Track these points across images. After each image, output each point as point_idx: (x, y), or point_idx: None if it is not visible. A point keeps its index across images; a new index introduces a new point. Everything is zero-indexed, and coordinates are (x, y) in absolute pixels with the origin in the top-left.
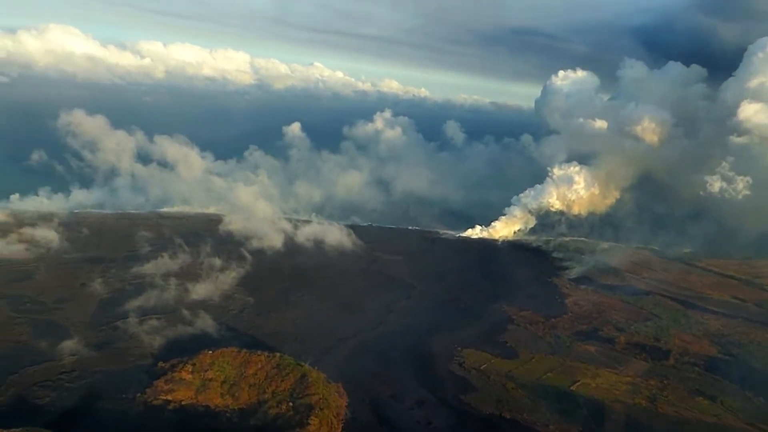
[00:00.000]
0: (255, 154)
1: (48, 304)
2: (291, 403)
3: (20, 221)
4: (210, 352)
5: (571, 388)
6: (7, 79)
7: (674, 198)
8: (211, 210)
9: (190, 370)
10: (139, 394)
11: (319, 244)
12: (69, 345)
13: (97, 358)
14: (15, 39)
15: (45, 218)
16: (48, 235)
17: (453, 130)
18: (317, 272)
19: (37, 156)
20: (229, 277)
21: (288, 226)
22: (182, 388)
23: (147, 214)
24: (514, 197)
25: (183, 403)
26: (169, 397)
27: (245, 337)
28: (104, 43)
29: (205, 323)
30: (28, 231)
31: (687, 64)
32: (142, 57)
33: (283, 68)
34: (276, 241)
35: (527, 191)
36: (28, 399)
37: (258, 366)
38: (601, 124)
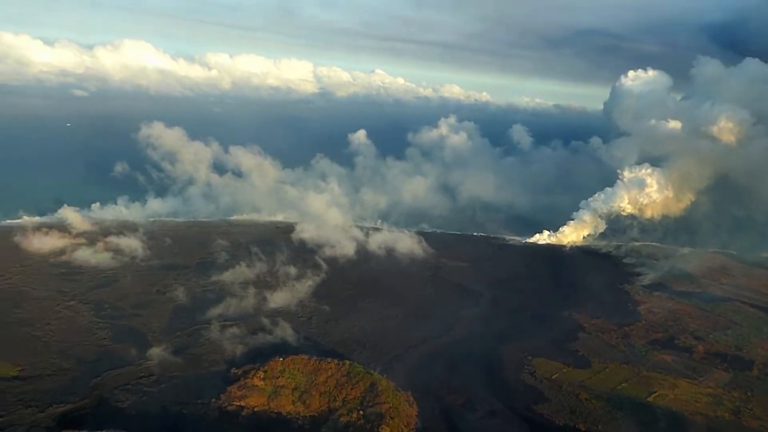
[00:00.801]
0: (321, 162)
1: (127, 310)
2: (362, 412)
3: (106, 230)
4: (281, 359)
5: (648, 399)
6: (86, 93)
7: (753, 200)
8: (279, 217)
9: (262, 376)
10: (214, 400)
11: (388, 251)
12: (147, 350)
13: (173, 363)
14: (92, 55)
15: (129, 227)
16: (131, 243)
17: (519, 134)
18: (385, 279)
19: (120, 167)
20: (305, 286)
21: (359, 234)
22: (255, 395)
23: (218, 222)
24: (583, 201)
25: (256, 409)
26: (243, 403)
27: (315, 344)
28: (174, 56)
29: (279, 330)
30: (113, 240)
31: (765, 60)
32: (210, 69)
33: (346, 76)
34: (348, 248)
35: (597, 195)
36: (111, 402)
37: (328, 373)
38: (674, 124)
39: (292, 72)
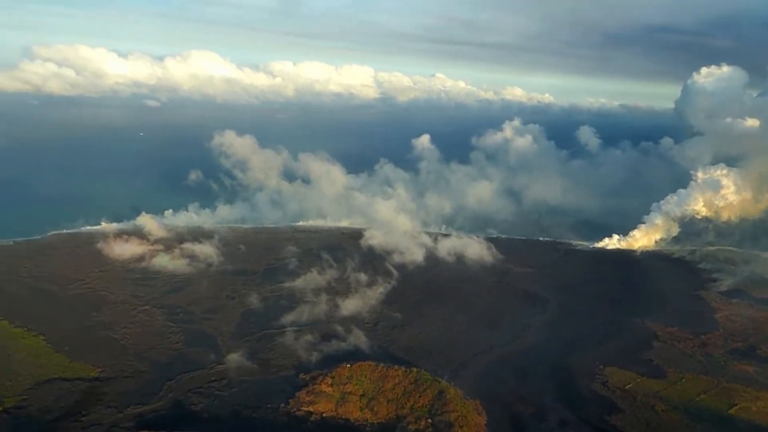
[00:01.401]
0: (385, 167)
1: (198, 314)
2: (430, 420)
3: (181, 237)
4: (348, 365)
5: (730, 411)
6: (158, 103)
7: None
8: (345, 223)
9: (329, 382)
10: (283, 405)
11: (455, 257)
12: (217, 354)
13: (244, 367)
14: (163, 66)
15: (203, 234)
16: (206, 250)
17: (586, 135)
18: (451, 285)
19: (194, 175)
20: (376, 293)
21: (428, 240)
22: (323, 400)
23: (286, 228)
24: (654, 204)
25: (324, 415)
26: (311, 409)
27: (382, 351)
28: (240, 65)
29: (351, 337)
30: (188, 246)
31: None
32: (274, 77)
33: (406, 81)
34: (417, 255)
35: (669, 197)
36: (185, 405)
37: (395, 380)
38: (752, 122)
39: (353, 78)
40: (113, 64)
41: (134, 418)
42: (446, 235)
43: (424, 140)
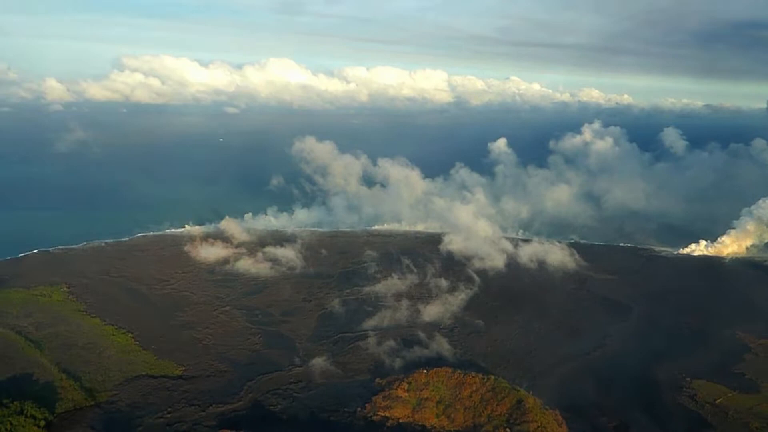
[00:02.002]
0: (461, 172)
1: (276, 316)
2: (508, 429)
3: (263, 240)
4: (425, 371)
5: None
6: (237, 110)
7: None
8: (420, 227)
9: (406, 388)
10: (359, 409)
11: (534, 263)
12: (294, 356)
13: (319, 370)
14: (242, 74)
15: (283, 238)
16: (287, 253)
17: (671, 137)
18: (531, 292)
19: (275, 181)
20: (457, 299)
21: (508, 246)
22: (399, 406)
23: (362, 232)
24: (745, 209)
25: (401, 420)
26: (388, 414)
27: (457, 358)
28: (315, 71)
29: (425, 341)
30: (270, 250)
31: None
32: (348, 82)
33: (480, 84)
34: (497, 261)
35: (761, 201)
36: (264, 405)
37: (473, 388)
38: None
39: (426, 82)
40: (195, 73)
41: (216, 416)
42: (527, 241)
43: (501, 144)
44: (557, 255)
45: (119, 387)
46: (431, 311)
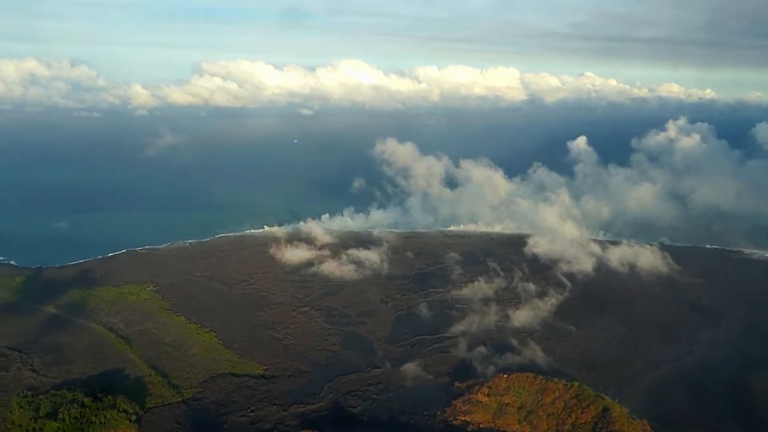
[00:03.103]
0: (539, 171)
1: (353, 317)
2: None
3: (345, 242)
4: (505, 375)
5: None
6: (311, 111)
7: None
8: (497, 228)
9: (486, 392)
10: (439, 413)
11: (627, 266)
12: (373, 359)
13: (398, 373)
14: (315, 76)
15: (364, 239)
16: (370, 255)
17: (765, 133)
18: (617, 296)
19: (357, 183)
20: (548, 304)
21: (596, 248)
22: (479, 411)
23: (436, 233)
24: None
25: (481, 426)
26: (468, 419)
27: (535, 362)
28: (386, 72)
29: (509, 344)
30: (353, 252)
31: None
32: (419, 82)
33: (554, 81)
34: (585, 264)
35: None
36: (344, 406)
37: (555, 394)
38: None
39: (499, 80)
40: (270, 76)
41: (298, 416)
42: (615, 243)
43: (581, 142)
44: (648, 258)
45: (204, 384)
46: (521, 316)
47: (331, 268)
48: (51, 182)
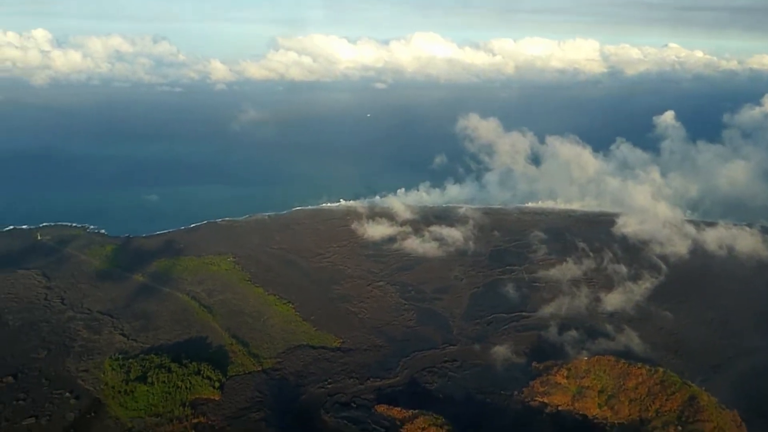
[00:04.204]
0: (622, 147)
1: (429, 293)
2: (680, 427)
3: (425, 218)
4: (585, 358)
5: None
6: (385, 85)
7: None
8: (575, 206)
9: (565, 374)
10: (516, 393)
11: (725, 249)
12: (449, 335)
13: (474, 351)
14: (388, 49)
15: (442, 215)
16: (446, 231)
17: None
18: (714, 280)
19: (438, 159)
20: (641, 288)
21: (691, 229)
22: (558, 393)
23: (515, 210)
24: None
25: (560, 408)
26: (546, 400)
27: (618, 344)
28: (461, 44)
29: (603, 330)
30: (435, 228)
31: None
32: (494, 55)
33: (635, 53)
34: (679, 246)
35: None
36: (419, 383)
37: (638, 379)
38: None
39: (577, 52)
40: (344, 50)
41: (374, 390)
42: (711, 224)
43: (668, 117)
44: (747, 241)
45: (282, 355)
46: (613, 299)
47: (410, 244)
48: (139, 155)
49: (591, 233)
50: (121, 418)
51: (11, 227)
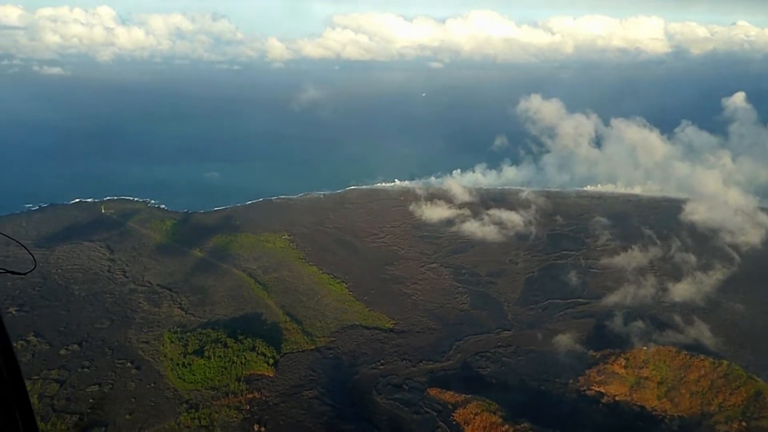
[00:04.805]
0: (687, 130)
1: (483, 277)
2: (744, 423)
3: (478, 199)
4: (644, 348)
5: None
6: (441, 65)
7: None
8: (637, 190)
9: (623, 364)
10: (572, 381)
11: None
12: (503, 320)
13: (529, 336)
14: (445, 28)
15: (500, 196)
16: (502, 213)
17: None
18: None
19: (498, 141)
20: (712, 278)
21: (764, 218)
22: (615, 382)
23: (570, 192)
24: None
25: (617, 398)
26: (602, 389)
27: (676, 337)
28: (519, 23)
29: (666, 319)
30: (495, 212)
31: None
32: (553, 33)
33: (702, 31)
34: (752, 235)
35: None
36: (473, 367)
37: (700, 372)
38: None
39: (640, 30)
40: (400, 28)
41: (426, 373)
42: None
43: (737, 99)
44: None
45: (335, 334)
46: (680, 290)
47: (469, 227)
48: (199, 132)
49: (656, 219)
50: (179, 389)
51: (78, 200)
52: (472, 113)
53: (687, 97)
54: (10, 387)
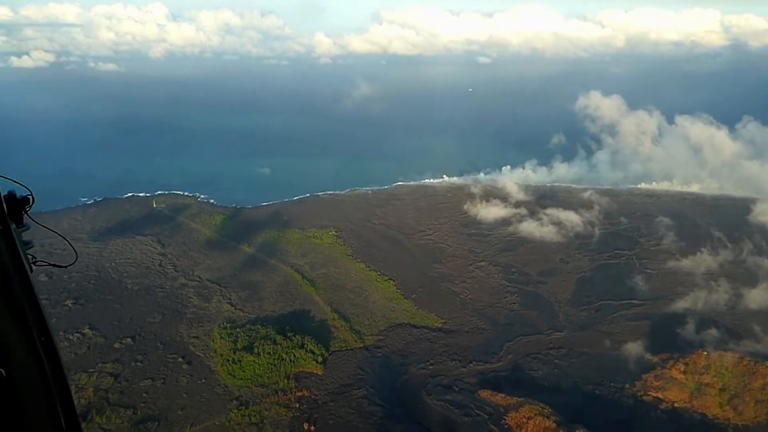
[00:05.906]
0: (749, 126)
1: (533, 276)
2: None
3: (540, 200)
4: (705, 353)
5: None
6: (489, 60)
7: None
8: (694, 188)
9: (682, 369)
10: (628, 386)
11: None
12: (554, 321)
13: (581, 338)
14: (492, 22)
15: (551, 193)
16: (553, 211)
17: None
18: None
19: (556, 139)
20: None
21: None
22: (674, 388)
23: (622, 190)
24: None
25: (676, 405)
26: (660, 395)
27: (740, 342)
28: (567, 16)
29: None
30: (552, 211)
31: None
32: (603, 27)
33: (761, 23)
34: None
35: None
36: (524, 369)
37: (766, 379)
38: None
39: (695, 23)
40: (447, 22)
41: (476, 374)
42: None
43: None
44: None
45: (384, 333)
46: (752, 296)
47: (525, 227)
48: (248, 127)
49: (720, 220)
50: (229, 385)
51: (130, 194)
52: (521, 109)
53: (745, 92)
54: (52, 382)
